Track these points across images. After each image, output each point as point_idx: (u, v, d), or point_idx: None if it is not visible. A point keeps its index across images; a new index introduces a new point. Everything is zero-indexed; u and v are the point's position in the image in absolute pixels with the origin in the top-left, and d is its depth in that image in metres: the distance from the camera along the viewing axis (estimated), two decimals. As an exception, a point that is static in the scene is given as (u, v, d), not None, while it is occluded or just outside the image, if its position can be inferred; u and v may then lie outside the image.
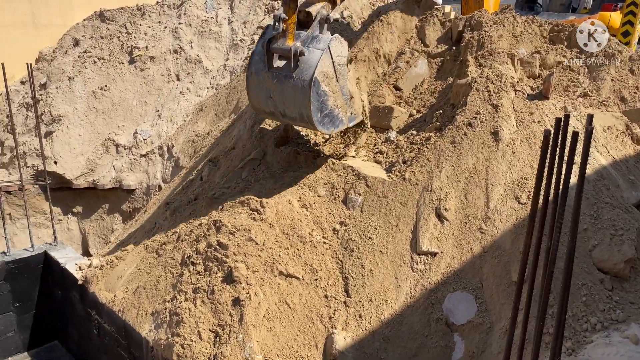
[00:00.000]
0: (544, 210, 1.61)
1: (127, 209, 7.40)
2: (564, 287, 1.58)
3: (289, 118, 4.40)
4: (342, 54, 4.41)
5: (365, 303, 4.04)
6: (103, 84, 7.76)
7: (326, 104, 4.30)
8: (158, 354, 4.09)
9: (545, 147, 1.46)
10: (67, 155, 7.30)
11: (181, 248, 4.54)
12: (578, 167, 4.18)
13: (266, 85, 4.27)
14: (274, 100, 4.28)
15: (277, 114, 4.42)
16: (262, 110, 4.54)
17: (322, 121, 4.29)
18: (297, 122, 4.47)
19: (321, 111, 4.25)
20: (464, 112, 4.62)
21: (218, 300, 3.97)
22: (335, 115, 4.43)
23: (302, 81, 4.08)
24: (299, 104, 4.16)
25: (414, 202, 4.38)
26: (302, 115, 4.21)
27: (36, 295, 6.12)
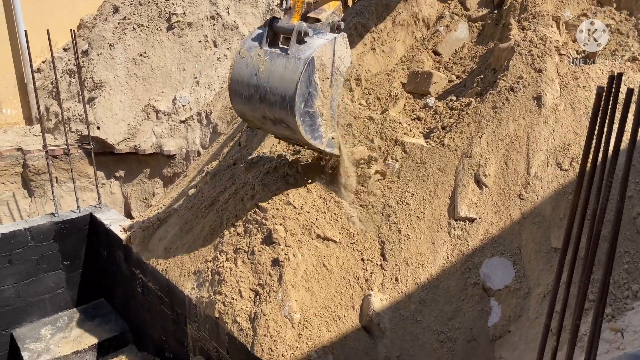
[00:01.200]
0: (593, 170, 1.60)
1: (167, 174, 7.59)
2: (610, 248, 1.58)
3: (266, 103, 3.82)
4: (344, 60, 4.02)
5: (401, 267, 4.09)
6: (142, 50, 7.88)
7: (312, 101, 3.81)
8: (200, 310, 4.26)
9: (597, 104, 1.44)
10: (109, 120, 7.50)
11: (222, 210, 4.66)
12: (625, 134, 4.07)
13: (255, 63, 3.83)
14: (258, 79, 3.79)
15: (255, 97, 3.85)
16: (239, 92, 3.96)
17: (303, 116, 3.76)
18: (274, 109, 3.82)
19: (305, 104, 3.75)
20: (506, 76, 4.52)
21: (258, 260, 4.09)
22: (316, 122, 3.91)
23: (297, 59, 3.66)
24: (286, 83, 3.68)
25: (453, 168, 4.36)
26: (285, 98, 3.69)
27: (83, 254, 6.41)
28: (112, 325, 6.15)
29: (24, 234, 5.91)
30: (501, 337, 3.68)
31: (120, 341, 6.00)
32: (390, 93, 5.88)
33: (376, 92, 6.02)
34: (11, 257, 5.85)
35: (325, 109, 3.96)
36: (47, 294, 6.23)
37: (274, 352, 3.65)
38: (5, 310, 5.92)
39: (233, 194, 4.75)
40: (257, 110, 3.93)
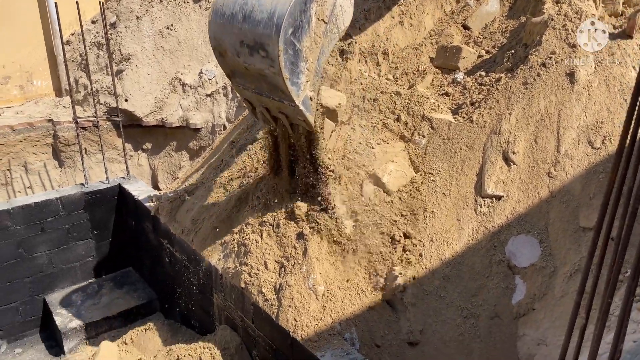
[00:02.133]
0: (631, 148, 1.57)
1: (193, 147, 7.67)
2: None
3: (250, 22, 3.40)
4: (345, 16, 3.69)
5: (426, 243, 4.10)
6: (169, 23, 7.89)
7: (301, 34, 3.40)
8: (226, 281, 4.35)
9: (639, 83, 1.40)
10: (136, 93, 7.58)
11: (247, 184, 4.70)
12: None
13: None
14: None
15: (239, 16, 3.46)
16: (221, 12, 3.61)
17: (287, 44, 3.32)
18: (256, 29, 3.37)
19: (293, 32, 3.34)
20: (538, 51, 4.42)
21: (283, 233, 4.14)
22: (299, 65, 3.48)
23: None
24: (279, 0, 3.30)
25: (481, 144, 4.31)
26: (273, 15, 3.27)
27: (112, 224, 6.57)
28: (140, 293, 6.32)
29: (56, 203, 6.07)
30: (525, 315, 3.69)
31: (148, 309, 6.17)
32: (418, 68, 5.80)
33: (403, 66, 5.94)
34: (44, 226, 6.03)
35: (312, 56, 3.57)
36: (78, 261, 6.41)
37: (298, 322, 3.72)
38: (39, 277, 6.13)
39: (258, 168, 4.78)
40: (236, 34, 3.53)
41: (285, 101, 3.64)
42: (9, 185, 7.63)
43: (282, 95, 3.58)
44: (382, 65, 5.90)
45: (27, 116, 7.84)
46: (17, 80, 8.34)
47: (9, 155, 7.50)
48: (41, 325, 6.18)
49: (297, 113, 3.71)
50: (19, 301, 6.02)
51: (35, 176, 7.74)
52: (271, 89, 3.65)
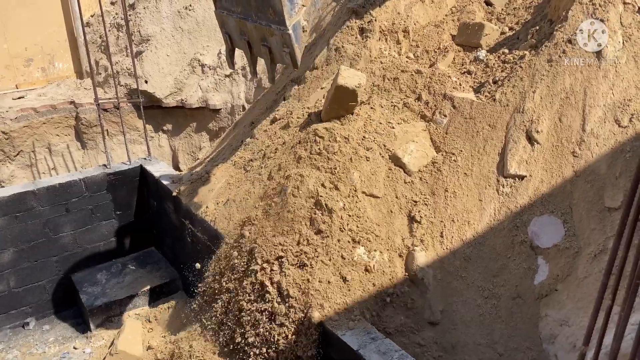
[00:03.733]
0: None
1: (213, 128, 7.71)
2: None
3: None
4: None
5: (447, 223, 4.07)
6: (187, 3, 7.86)
7: None
8: (248, 261, 4.39)
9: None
10: (156, 74, 7.61)
11: (267, 166, 4.71)
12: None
13: None
14: None
15: None
16: None
17: None
18: None
19: None
20: (564, 27, 4.30)
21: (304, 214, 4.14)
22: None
23: None
24: None
25: (504, 124, 4.24)
26: None
27: (134, 205, 6.66)
28: (162, 272, 6.43)
29: (79, 184, 6.17)
30: (547, 296, 3.66)
31: (171, 287, 6.28)
32: (440, 46, 5.70)
33: (424, 44, 5.85)
34: (68, 206, 6.14)
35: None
36: (102, 241, 6.54)
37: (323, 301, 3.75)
38: (65, 256, 6.27)
39: (278, 149, 4.79)
40: None
41: (273, 25, 3.28)
42: (33, 167, 7.77)
43: (272, 15, 3.22)
44: (403, 43, 5.82)
45: (49, 98, 7.94)
46: (39, 62, 8.43)
47: (33, 137, 7.63)
48: (68, 303, 6.34)
49: (284, 42, 3.33)
50: (46, 279, 6.18)
51: (59, 157, 7.87)
52: (260, 9, 3.28)
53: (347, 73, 4.57)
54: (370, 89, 5.18)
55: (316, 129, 4.58)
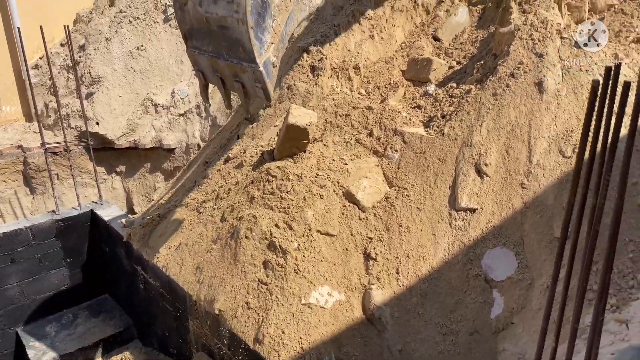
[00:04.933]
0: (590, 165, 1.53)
1: (168, 168, 7.55)
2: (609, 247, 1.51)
3: None
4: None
5: (402, 259, 4.04)
6: (139, 43, 7.79)
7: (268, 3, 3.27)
8: (201, 307, 4.24)
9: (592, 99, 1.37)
10: (108, 116, 7.45)
11: (220, 208, 4.61)
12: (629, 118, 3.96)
13: None
14: None
15: None
16: None
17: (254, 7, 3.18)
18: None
19: None
20: (506, 62, 4.42)
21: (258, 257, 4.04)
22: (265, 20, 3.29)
23: None
24: None
25: (453, 157, 4.28)
26: None
27: (85, 251, 6.41)
28: (116, 321, 6.15)
29: (26, 232, 5.90)
30: (504, 329, 3.63)
31: (125, 336, 6.01)
32: (390, 81, 5.79)
33: (375, 80, 5.93)
34: (14, 256, 5.85)
35: (281, 18, 3.44)
36: (51, 291, 6.23)
37: (277, 348, 3.62)
38: (10, 309, 5.93)
39: (231, 189, 4.70)
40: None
41: (244, 63, 3.36)
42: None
43: (243, 53, 3.30)
44: (354, 79, 5.88)
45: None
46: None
47: (-22, 184, 7.31)
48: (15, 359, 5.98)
49: (255, 79, 3.42)
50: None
51: (5, 204, 7.55)
52: (231, 47, 3.37)
53: (298, 112, 4.57)
54: (323, 125, 5.18)
55: (269, 168, 4.53)
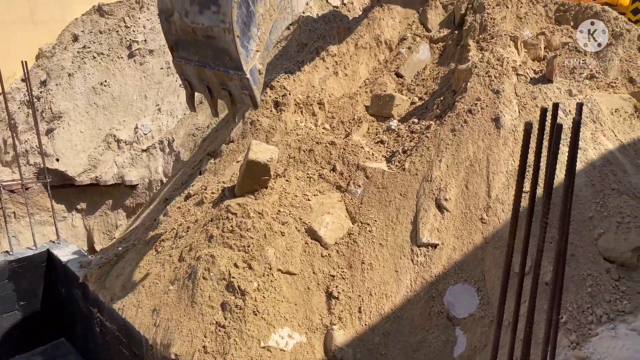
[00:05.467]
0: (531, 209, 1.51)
1: (130, 205, 7.37)
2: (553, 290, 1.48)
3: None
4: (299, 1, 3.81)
5: (365, 297, 3.96)
6: (103, 79, 7.70)
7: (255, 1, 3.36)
8: (157, 352, 4.06)
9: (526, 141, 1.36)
10: (68, 152, 7.27)
11: (178, 247, 4.48)
12: (583, 152, 4.02)
13: None
14: None
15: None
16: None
17: (240, 5, 3.26)
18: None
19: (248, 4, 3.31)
20: (464, 98, 4.48)
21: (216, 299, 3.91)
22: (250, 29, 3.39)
23: None
24: None
25: (414, 192, 4.27)
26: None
27: (41, 293, 6.13)
28: (72, 366, 5.86)
29: (-24, 274, 5.63)
30: (468, 368, 3.56)
31: (81, 383, 5.71)
32: (354, 116, 5.82)
33: (340, 115, 5.95)
34: (-38, 300, 5.56)
35: (265, 27, 3.50)
36: (3, 336, 5.91)
37: (232, 394, 3.47)
38: (-43, 357, 5.60)
39: (190, 227, 4.58)
40: None
41: (231, 70, 3.43)
42: None
43: (229, 62, 3.38)
44: (319, 115, 5.89)
45: (-51, 181, 7.37)
46: (-60, 143, 7.87)
47: None
48: (-40, 411, 5.61)
49: (242, 86, 3.48)
50: None
51: (-42, 244, 7.22)
52: (217, 56, 3.43)
53: (258, 148, 4.52)
54: (286, 161, 5.13)
55: (229, 205, 4.44)
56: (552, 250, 2.44)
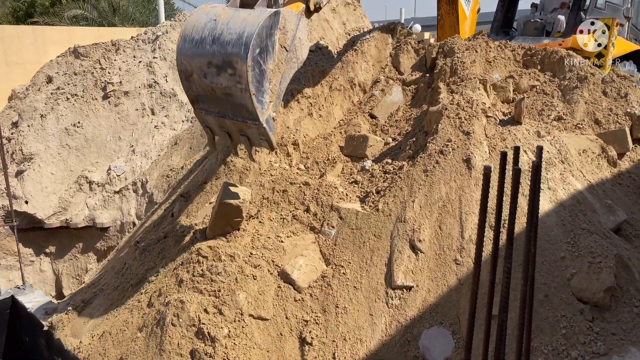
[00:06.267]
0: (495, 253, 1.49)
1: (101, 248, 7.19)
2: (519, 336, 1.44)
3: (219, 43, 3.66)
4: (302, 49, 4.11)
5: (339, 343, 3.86)
6: (76, 120, 7.63)
7: (266, 56, 3.71)
8: (122, 404, 3.87)
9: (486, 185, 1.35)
10: (38, 194, 7.12)
11: (147, 292, 4.35)
12: (553, 193, 4.06)
13: (216, 12, 3.82)
14: (216, 23, 3.72)
15: (208, 39, 3.72)
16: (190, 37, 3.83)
17: (254, 62, 3.60)
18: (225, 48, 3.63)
19: (260, 53, 3.64)
20: (436, 139, 4.54)
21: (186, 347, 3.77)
22: (263, 84, 3.77)
23: (263, 10, 3.72)
24: (247, 23, 3.59)
25: (388, 233, 4.25)
26: (242, 35, 3.55)
27: (3, 341, 5.86)
28: (34, 420, 5.54)
29: None
30: (445, 416, 3.46)
31: None
32: (328, 157, 5.83)
33: (314, 156, 5.96)
34: None
35: (275, 79, 3.87)
36: (-40, 389, 5.60)
37: None
38: None
39: (160, 272, 4.46)
40: (204, 55, 3.75)
41: (249, 121, 3.82)
42: None
43: (247, 114, 3.78)
44: (293, 155, 5.89)
45: None
46: None
47: None
48: None
49: (260, 133, 3.91)
50: None
51: None
52: (235, 109, 3.84)
53: (231, 189, 4.48)
54: (260, 202, 5.09)
55: (199, 248, 4.35)
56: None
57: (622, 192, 4.69)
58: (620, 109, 5.33)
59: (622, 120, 5.23)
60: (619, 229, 4.23)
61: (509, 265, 1.34)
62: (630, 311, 3.52)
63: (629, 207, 4.55)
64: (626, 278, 3.67)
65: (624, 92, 5.50)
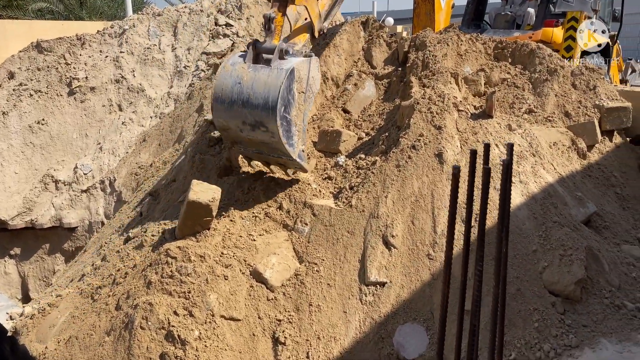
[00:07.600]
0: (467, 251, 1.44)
1: (69, 248, 6.98)
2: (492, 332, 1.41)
3: (249, 107, 4.20)
4: (316, 82, 4.56)
5: (313, 341, 3.81)
6: (40, 117, 7.37)
7: (289, 108, 4.23)
8: (90, 412, 3.75)
9: (455, 185, 1.30)
10: (1, 194, 6.87)
11: (115, 294, 4.22)
12: (524, 186, 4.07)
13: (239, 73, 4.29)
14: (242, 86, 4.23)
15: (238, 102, 4.25)
16: (221, 100, 4.35)
17: (282, 120, 4.16)
18: (255, 112, 4.20)
19: (284, 109, 4.18)
20: (408, 134, 4.50)
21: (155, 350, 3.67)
22: (291, 130, 4.33)
23: (280, 69, 4.16)
24: (269, 87, 4.12)
25: (361, 229, 4.20)
26: (267, 101, 4.10)
27: (-34, 349, 5.63)
28: None
29: None
30: (420, 413, 3.45)
31: None
32: (301, 152, 5.75)
33: (287, 152, 5.88)
34: None
35: (299, 120, 4.39)
36: None
37: None
38: None
39: (128, 273, 4.33)
40: (238, 117, 4.30)
41: (283, 157, 4.48)
42: None
43: (281, 153, 4.42)
44: (266, 151, 5.80)
45: None
46: None
47: None
48: None
49: (293, 164, 4.62)
50: None
51: None
52: (271, 150, 4.49)
53: (200, 187, 4.36)
54: (231, 200, 4.98)
55: (168, 248, 4.23)
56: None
57: (591, 184, 4.74)
58: (589, 102, 5.38)
59: (591, 112, 5.28)
60: (589, 221, 4.27)
61: (480, 269, 1.29)
62: (601, 302, 3.56)
63: (598, 198, 4.60)
64: (596, 270, 3.70)
65: (592, 84, 5.56)
